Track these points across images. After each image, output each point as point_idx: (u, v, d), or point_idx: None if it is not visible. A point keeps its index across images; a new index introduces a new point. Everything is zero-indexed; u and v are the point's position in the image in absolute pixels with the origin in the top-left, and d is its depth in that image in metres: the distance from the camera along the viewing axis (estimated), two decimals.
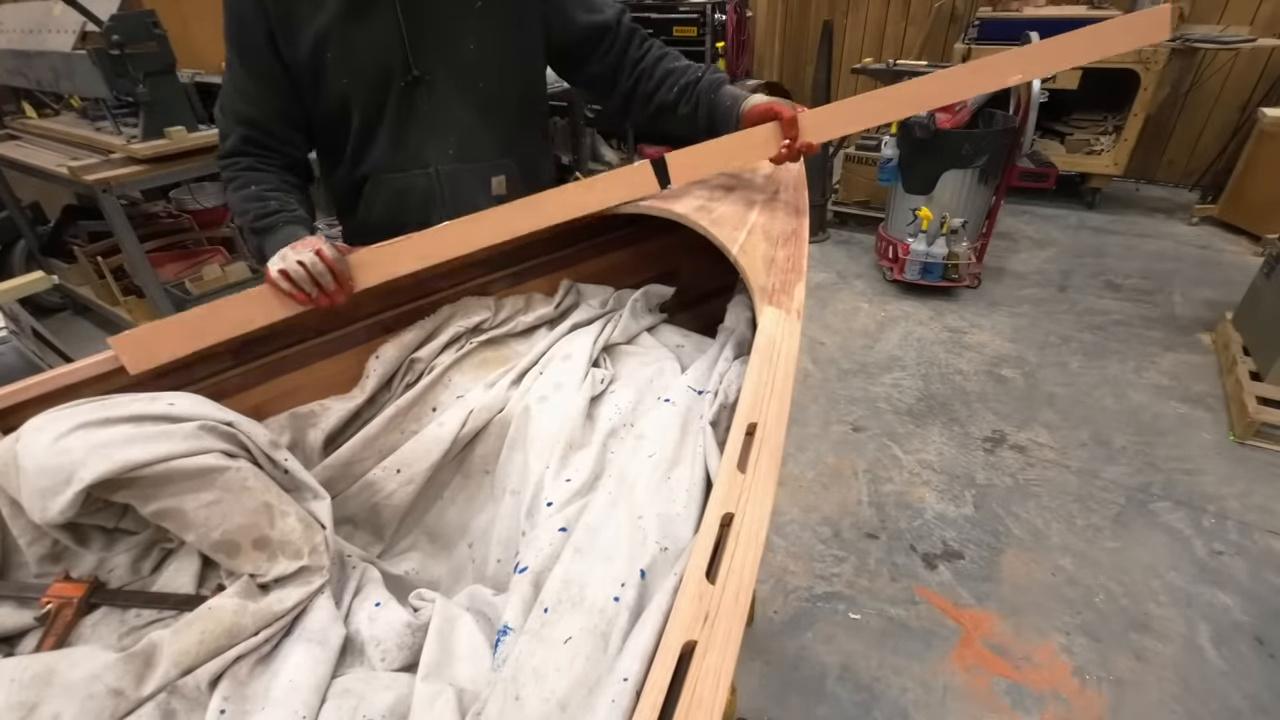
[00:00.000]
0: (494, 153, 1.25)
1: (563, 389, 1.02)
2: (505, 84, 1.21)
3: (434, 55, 1.12)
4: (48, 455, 0.68)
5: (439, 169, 1.20)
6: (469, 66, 1.15)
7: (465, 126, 1.19)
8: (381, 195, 1.22)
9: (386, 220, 1.21)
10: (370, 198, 1.23)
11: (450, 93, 1.16)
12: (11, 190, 3.40)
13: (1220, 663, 1.62)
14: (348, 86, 1.11)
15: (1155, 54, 3.72)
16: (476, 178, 1.24)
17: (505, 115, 1.24)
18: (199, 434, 0.75)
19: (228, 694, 0.66)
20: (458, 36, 1.13)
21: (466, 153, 1.21)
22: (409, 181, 1.20)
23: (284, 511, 0.78)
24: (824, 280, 3.63)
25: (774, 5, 5.77)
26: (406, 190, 1.21)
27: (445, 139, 1.19)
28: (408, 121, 1.16)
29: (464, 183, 1.23)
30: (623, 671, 0.57)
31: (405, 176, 1.20)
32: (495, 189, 1.27)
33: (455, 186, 1.23)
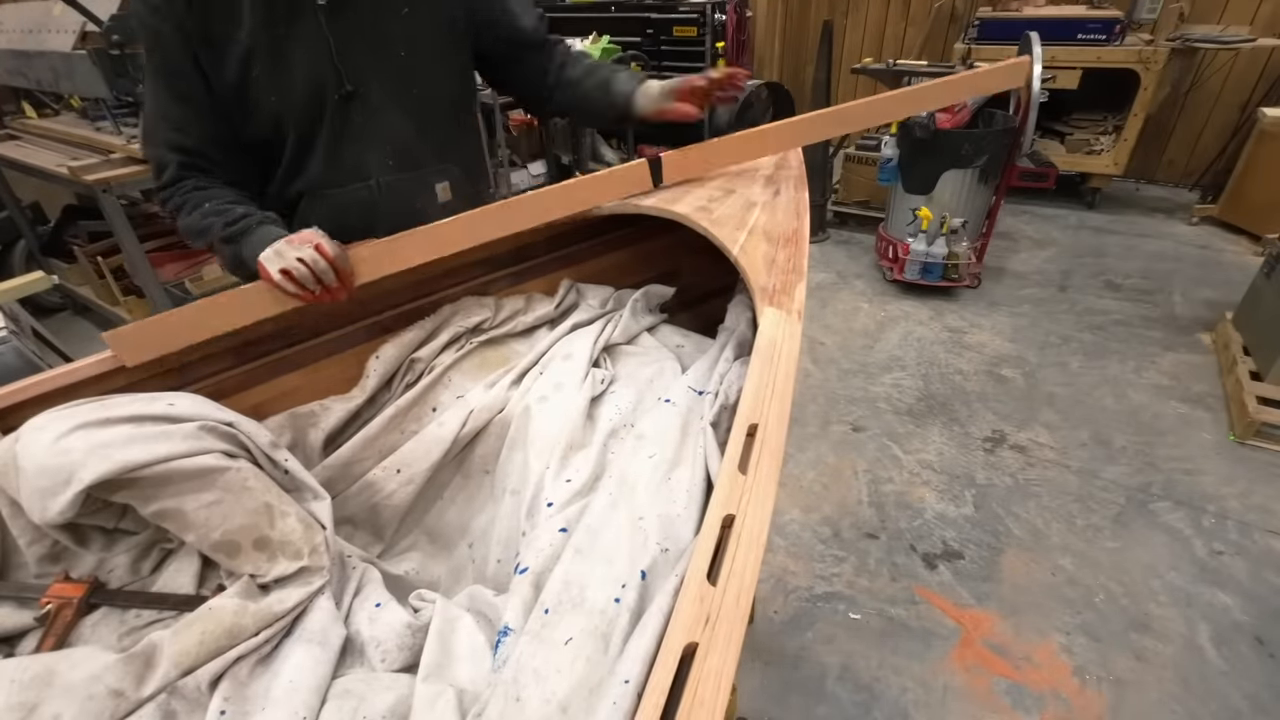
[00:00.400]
0: (434, 159, 1.22)
1: (563, 389, 1.02)
2: (439, 89, 1.19)
3: (365, 66, 1.08)
4: (47, 456, 0.68)
5: (380, 180, 1.17)
6: (401, 74, 1.12)
7: (403, 136, 1.16)
8: (318, 211, 1.15)
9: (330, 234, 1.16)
10: (306, 214, 1.15)
11: (385, 102, 1.12)
12: (11, 190, 3.40)
13: (1220, 663, 1.62)
14: (278, 104, 1.06)
15: (1155, 54, 3.72)
16: (419, 186, 1.22)
17: (442, 121, 1.21)
18: (199, 434, 0.75)
19: (228, 694, 0.66)
20: (388, 44, 1.10)
21: (406, 162, 1.18)
22: (349, 195, 1.16)
23: (284, 512, 0.78)
24: (824, 280, 3.63)
25: (774, 5, 5.77)
26: (346, 205, 1.16)
27: (383, 150, 1.16)
28: (344, 135, 1.12)
29: (406, 192, 1.20)
30: (624, 673, 0.57)
31: (345, 191, 1.15)
32: (441, 195, 1.24)
33: (398, 197, 1.19)
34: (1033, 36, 2.85)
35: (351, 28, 1.06)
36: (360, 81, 1.09)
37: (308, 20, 1.03)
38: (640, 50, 4.61)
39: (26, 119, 3.41)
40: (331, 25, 1.04)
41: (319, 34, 1.04)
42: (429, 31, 1.13)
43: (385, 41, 1.09)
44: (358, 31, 1.07)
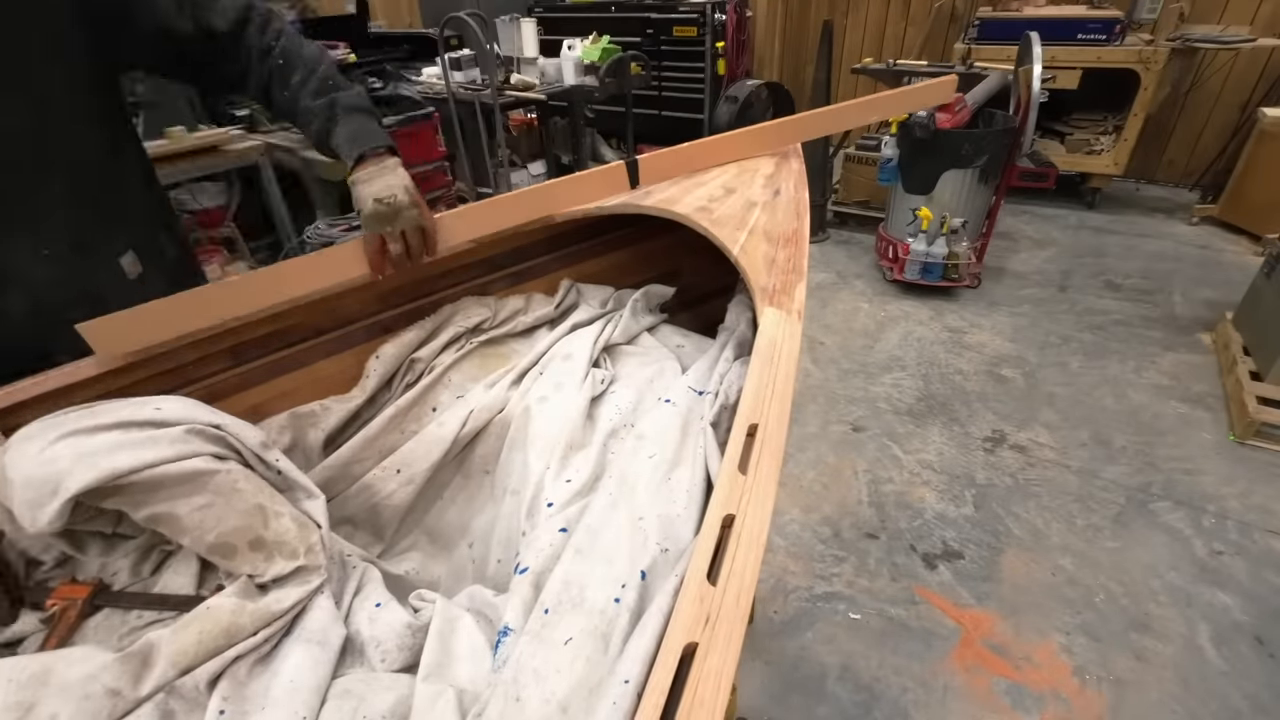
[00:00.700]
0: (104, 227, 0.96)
1: (563, 389, 1.02)
2: (79, 140, 0.92)
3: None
4: (34, 466, 0.67)
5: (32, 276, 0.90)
6: (17, 135, 0.84)
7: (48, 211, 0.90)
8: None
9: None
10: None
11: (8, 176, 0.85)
12: None
13: (1220, 663, 1.62)
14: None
15: (1155, 54, 3.72)
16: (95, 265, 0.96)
17: (99, 177, 0.95)
18: (186, 438, 0.74)
19: (227, 694, 0.65)
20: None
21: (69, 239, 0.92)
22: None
23: (277, 512, 0.78)
24: (824, 280, 3.63)
25: (774, 5, 5.77)
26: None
27: (31, 234, 0.89)
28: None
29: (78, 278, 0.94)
30: (624, 673, 0.57)
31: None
32: (130, 270, 1.00)
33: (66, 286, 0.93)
34: (1033, 36, 2.85)
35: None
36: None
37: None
38: (640, 50, 4.60)
39: None
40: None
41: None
42: (44, 66, 0.84)
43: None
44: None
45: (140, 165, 1.04)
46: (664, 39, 5.11)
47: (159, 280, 0.93)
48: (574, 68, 3.98)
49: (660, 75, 5.17)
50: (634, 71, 4.24)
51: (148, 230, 1.03)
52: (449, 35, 3.90)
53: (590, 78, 4.05)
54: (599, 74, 4.03)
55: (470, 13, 3.39)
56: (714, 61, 5.06)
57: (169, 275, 1.05)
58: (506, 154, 3.92)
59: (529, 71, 4.04)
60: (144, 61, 0.99)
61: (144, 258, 1.01)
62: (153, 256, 1.02)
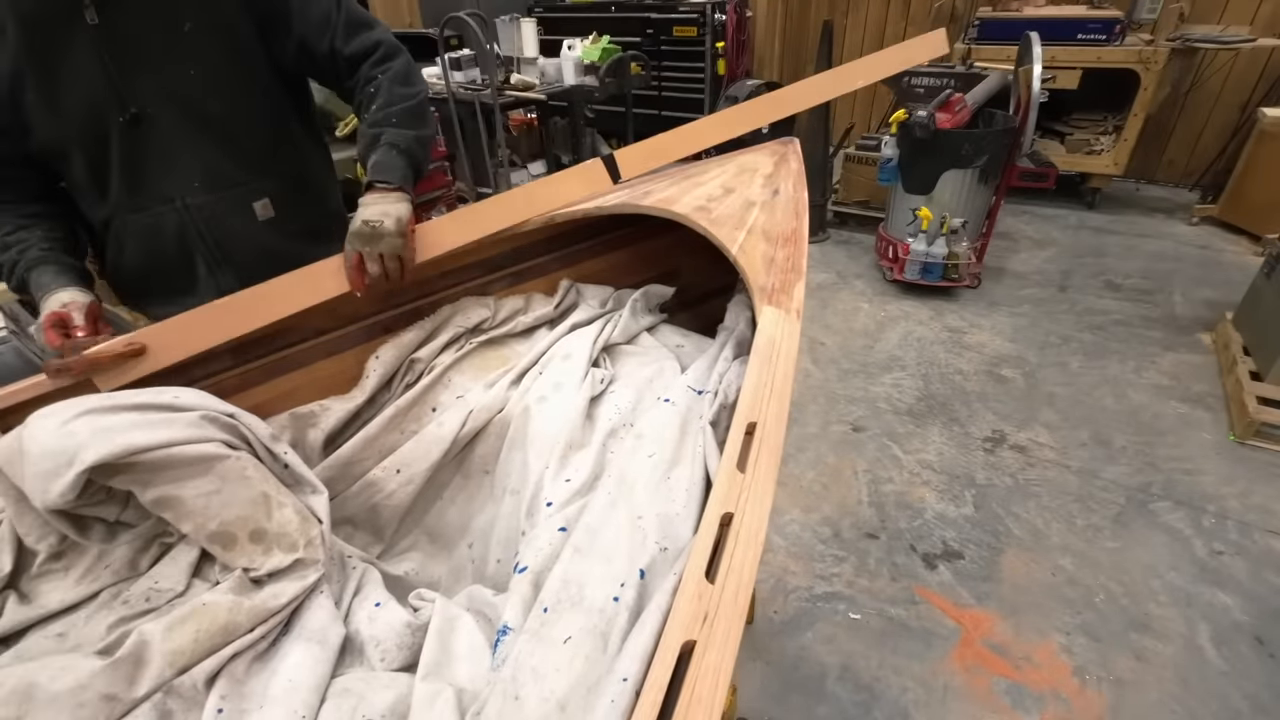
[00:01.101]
0: (247, 177, 1.17)
1: (562, 389, 1.02)
2: (240, 105, 1.12)
3: (151, 87, 1.03)
4: (53, 438, 0.68)
5: (187, 202, 1.12)
6: (196, 93, 1.06)
7: (205, 155, 1.11)
8: (129, 236, 1.14)
9: (142, 262, 1.16)
10: (116, 240, 1.15)
11: (179, 123, 1.07)
12: None
13: (1220, 663, 1.62)
14: (59, 128, 1.02)
15: (1155, 54, 3.72)
16: (233, 205, 1.16)
17: (249, 137, 1.15)
18: (201, 423, 0.75)
19: (225, 692, 0.66)
20: (173, 63, 1.03)
21: (215, 182, 1.13)
22: (155, 219, 1.12)
23: (281, 503, 0.78)
24: (824, 280, 3.63)
25: (774, 5, 5.77)
26: (155, 228, 1.13)
27: (186, 171, 1.11)
28: (139, 159, 1.07)
29: (218, 212, 1.15)
30: (622, 671, 0.57)
31: (148, 215, 1.12)
32: (260, 213, 1.19)
33: (210, 219, 1.15)
34: (1033, 36, 2.85)
35: (129, 48, 1.00)
36: (146, 103, 1.03)
37: (79, 42, 0.97)
38: (640, 50, 4.61)
39: None
40: (106, 46, 0.98)
41: (92, 56, 0.98)
42: (217, 47, 1.06)
43: (169, 60, 1.02)
44: (137, 52, 1.00)
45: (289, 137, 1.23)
46: (664, 39, 5.12)
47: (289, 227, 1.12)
48: (574, 68, 3.99)
49: (660, 75, 5.17)
50: (634, 71, 4.24)
51: (282, 187, 1.22)
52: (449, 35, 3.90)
53: (590, 78, 4.05)
54: (599, 74, 4.03)
55: (470, 13, 3.40)
56: (714, 61, 5.06)
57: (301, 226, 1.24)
58: (506, 154, 3.92)
59: (529, 71, 4.04)
60: (288, 62, 1.14)
61: (277, 207, 1.21)
62: (285, 208, 1.22)
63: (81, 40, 0.97)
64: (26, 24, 0.95)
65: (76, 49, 0.98)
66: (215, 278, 1.19)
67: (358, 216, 1.01)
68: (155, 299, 1.22)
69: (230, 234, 1.17)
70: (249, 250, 1.19)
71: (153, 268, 1.17)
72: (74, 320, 0.93)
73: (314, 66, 1.16)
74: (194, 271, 1.18)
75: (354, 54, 1.12)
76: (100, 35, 0.98)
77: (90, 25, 0.97)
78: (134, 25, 0.99)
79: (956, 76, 3.44)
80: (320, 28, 1.10)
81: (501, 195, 1.17)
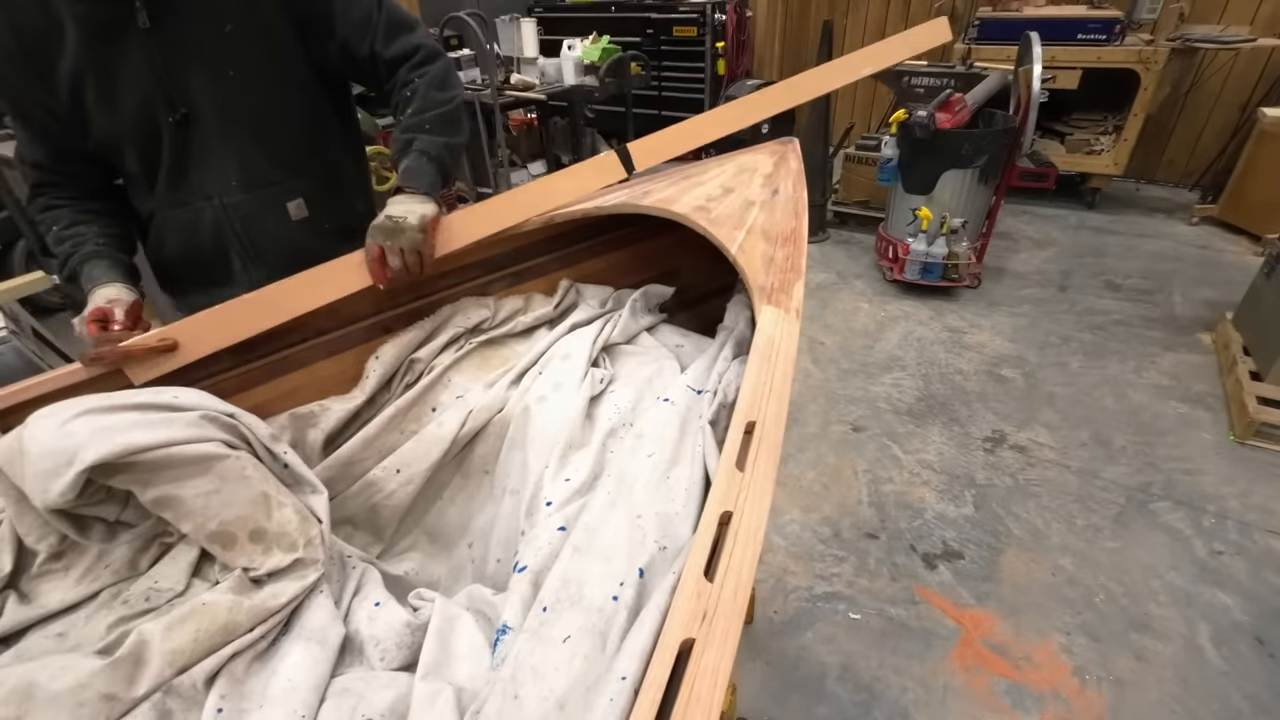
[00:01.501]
0: (282, 176, 1.20)
1: (562, 389, 1.02)
2: (276, 105, 1.15)
3: (195, 87, 1.07)
4: (52, 438, 0.68)
5: (224, 200, 1.16)
6: (233, 93, 1.09)
7: (243, 154, 1.14)
8: (169, 230, 1.18)
9: (181, 254, 1.20)
10: (157, 233, 1.20)
11: (220, 122, 1.10)
12: (12, 190, 3.39)
13: (1220, 663, 1.62)
14: (114, 125, 1.07)
15: (1155, 54, 3.72)
16: (267, 204, 1.20)
17: (286, 137, 1.18)
18: (200, 423, 0.75)
19: (224, 692, 0.66)
20: (216, 65, 1.07)
21: (252, 181, 1.16)
22: (194, 214, 1.16)
23: (281, 503, 0.78)
24: (824, 280, 3.63)
25: (774, 5, 5.77)
26: (194, 223, 1.17)
27: (225, 169, 1.14)
28: (184, 157, 1.11)
29: (254, 211, 1.19)
30: (621, 670, 0.57)
31: (188, 210, 1.16)
32: (294, 213, 1.22)
33: (246, 217, 1.18)
34: (1033, 36, 2.85)
35: (177, 50, 1.04)
36: (192, 104, 1.07)
37: (132, 44, 1.01)
38: (640, 50, 4.61)
39: None
40: (155, 49, 1.02)
41: (144, 58, 1.02)
42: (256, 49, 1.08)
43: (213, 62, 1.06)
44: (183, 54, 1.04)
45: (327, 138, 1.24)
46: (664, 39, 5.12)
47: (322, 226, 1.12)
48: (574, 68, 3.99)
49: (660, 75, 5.18)
50: (634, 71, 4.25)
51: (316, 187, 1.23)
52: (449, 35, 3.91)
53: (590, 78, 4.05)
54: (599, 74, 4.03)
55: (470, 13, 3.40)
56: (714, 61, 5.07)
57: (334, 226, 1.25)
58: (506, 154, 3.92)
59: (529, 71, 4.05)
60: (330, 64, 1.16)
61: (311, 206, 1.23)
62: (319, 208, 1.24)
63: (134, 43, 1.01)
64: (84, 28, 0.99)
65: (130, 52, 1.02)
66: (249, 273, 1.22)
67: (383, 212, 1.04)
68: (192, 290, 1.25)
69: (264, 233, 1.20)
70: (281, 249, 1.21)
71: (190, 260, 1.21)
72: (115, 316, 0.96)
73: (354, 68, 1.17)
74: (229, 266, 1.22)
75: (394, 57, 1.14)
76: (151, 38, 1.01)
77: (142, 29, 1.00)
78: (180, 28, 1.03)
79: (956, 76, 3.44)
80: (361, 29, 1.12)
81: (517, 189, 1.17)
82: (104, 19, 0.99)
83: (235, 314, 0.98)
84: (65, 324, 1.22)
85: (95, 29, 0.99)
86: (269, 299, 1.00)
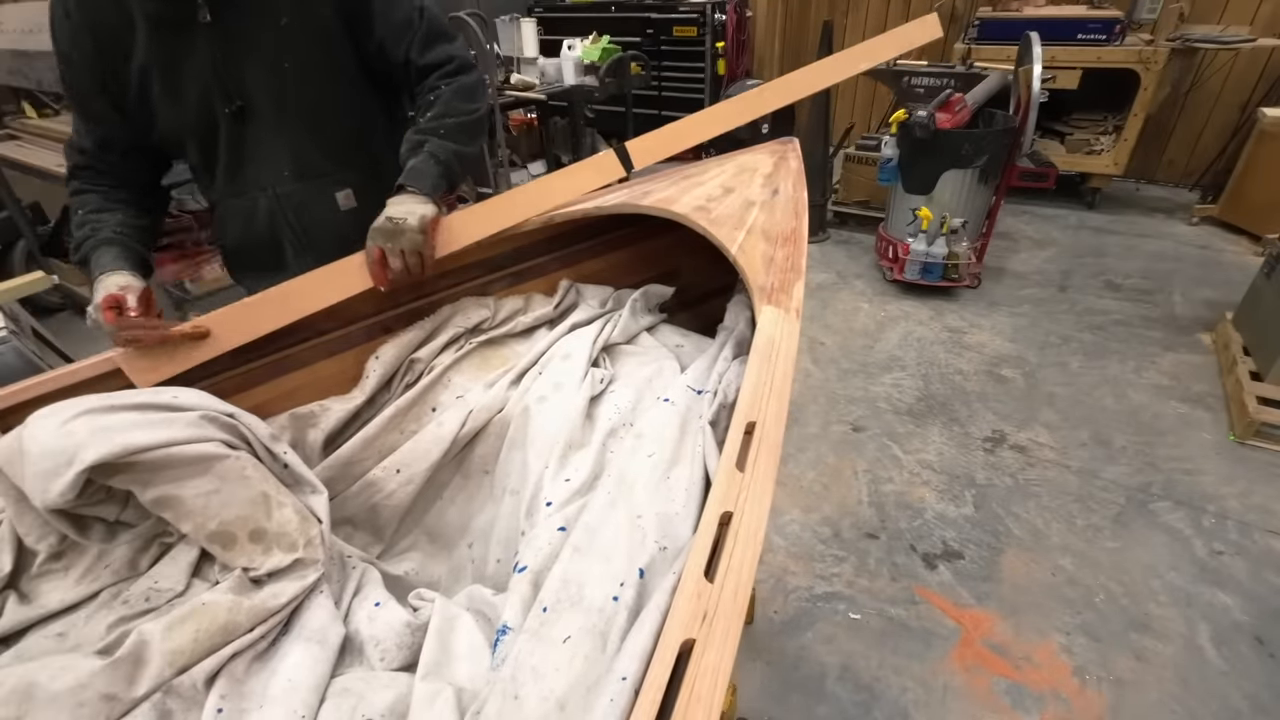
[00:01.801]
0: (332, 167, 1.24)
1: (562, 389, 1.02)
2: (327, 98, 1.19)
3: (252, 80, 1.12)
4: (52, 438, 0.68)
5: (277, 190, 1.21)
6: (287, 86, 1.14)
7: (295, 146, 1.19)
8: (229, 218, 1.26)
9: (240, 241, 1.28)
10: (222, 221, 1.28)
11: (274, 114, 1.15)
12: (11, 190, 3.39)
13: (1220, 663, 1.62)
14: (178, 118, 1.12)
15: (1155, 54, 3.72)
16: (318, 195, 1.24)
17: (336, 130, 1.22)
18: (200, 423, 0.75)
19: (224, 692, 0.66)
20: (270, 58, 1.11)
21: (303, 171, 1.22)
22: (250, 204, 1.23)
23: (281, 503, 0.78)
24: (824, 280, 3.63)
25: (774, 5, 5.77)
26: (251, 212, 1.23)
27: (278, 160, 1.19)
28: (240, 147, 1.17)
29: (305, 201, 1.24)
30: (621, 670, 0.57)
31: (244, 200, 1.23)
32: (343, 203, 1.27)
33: (298, 206, 1.24)
34: (1033, 36, 2.85)
35: (235, 44, 1.08)
36: (248, 96, 1.12)
37: (196, 39, 1.06)
38: (640, 50, 4.61)
39: (26, 119, 3.41)
40: (216, 43, 1.07)
41: (205, 52, 1.07)
42: (309, 43, 1.12)
43: (267, 55, 1.10)
44: (241, 47, 1.09)
45: (373, 132, 1.28)
46: (664, 39, 5.12)
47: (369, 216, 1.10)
48: (574, 68, 3.99)
49: (660, 75, 5.17)
50: (634, 71, 4.24)
51: (363, 179, 1.28)
52: None
53: (590, 78, 4.05)
54: (599, 74, 4.03)
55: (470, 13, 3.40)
56: (714, 61, 5.07)
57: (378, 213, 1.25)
58: (506, 154, 3.92)
59: (529, 71, 4.04)
60: (371, 61, 1.20)
61: (359, 197, 1.28)
62: (366, 199, 1.27)
63: (197, 38, 1.07)
64: (152, 24, 1.04)
65: (193, 46, 1.07)
66: (301, 260, 1.25)
67: (383, 214, 1.05)
68: (251, 275, 1.32)
69: (315, 221, 1.26)
70: (330, 237, 1.23)
71: (249, 248, 1.28)
72: (128, 303, 0.97)
73: (389, 69, 1.20)
74: (283, 254, 1.28)
75: (427, 64, 1.17)
76: (212, 33, 1.06)
77: (204, 24, 1.05)
78: (239, 22, 1.08)
79: (956, 76, 3.44)
80: (400, 33, 1.15)
81: (517, 189, 1.17)
82: (170, 15, 1.04)
83: (261, 308, 1.00)
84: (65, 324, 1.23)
85: (162, 24, 1.04)
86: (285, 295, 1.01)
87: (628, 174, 1.25)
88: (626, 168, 1.24)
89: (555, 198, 1.18)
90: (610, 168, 1.23)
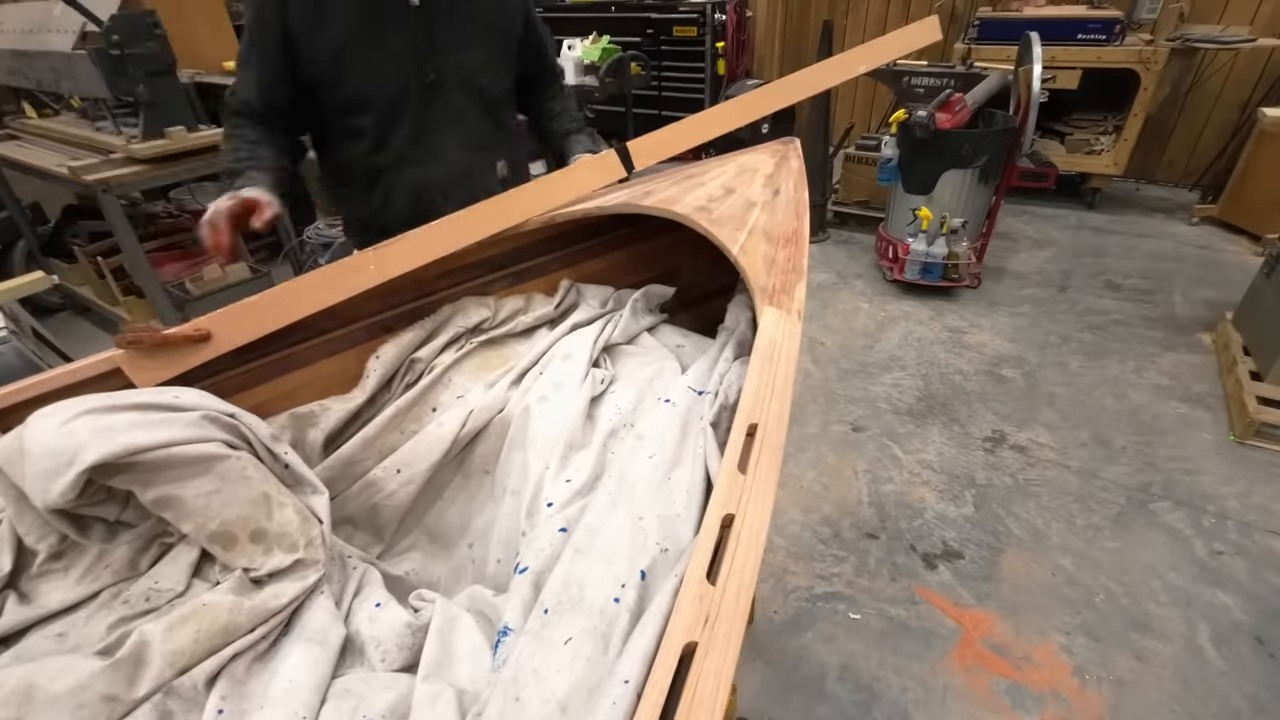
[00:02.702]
0: (495, 141, 1.48)
1: (563, 389, 1.02)
2: (498, 83, 1.43)
3: (446, 60, 1.30)
4: (53, 438, 0.68)
5: (450, 158, 1.40)
6: (474, 70, 1.35)
7: (471, 120, 1.40)
8: (401, 185, 1.39)
9: (406, 209, 1.39)
10: (386, 191, 1.40)
11: (459, 93, 1.35)
12: (11, 190, 3.39)
13: (1220, 663, 1.62)
14: (368, 91, 1.28)
15: (1155, 54, 3.72)
16: (484, 164, 1.48)
17: (499, 109, 1.46)
18: (201, 423, 0.75)
19: (225, 693, 0.66)
20: (465, 43, 1.32)
21: (474, 143, 1.43)
22: (427, 171, 1.39)
23: (281, 503, 0.78)
24: (824, 280, 3.63)
25: (774, 5, 5.77)
26: (424, 179, 1.39)
27: (458, 132, 1.38)
28: (425, 118, 1.34)
29: (474, 169, 1.45)
30: (623, 673, 0.57)
31: (422, 168, 1.38)
32: (500, 172, 1.52)
33: (467, 173, 1.43)
34: (1033, 36, 2.85)
35: (437, 27, 1.27)
36: (441, 72, 1.31)
37: (402, 20, 1.24)
38: (640, 50, 4.60)
39: (26, 119, 3.40)
40: (421, 25, 1.25)
41: (408, 31, 1.25)
42: (495, 35, 1.36)
43: (463, 40, 1.32)
44: (441, 31, 1.28)
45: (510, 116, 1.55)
46: (664, 39, 5.11)
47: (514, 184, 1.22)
48: (574, 68, 3.98)
49: (660, 75, 5.17)
50: (634, 71, 4.24)
51: (508, 154, 1.54)
52: None
53: (590, 78, 4.05)
54: (599, 74, 4.03)
55: None
56: (714, 61, 5.06)
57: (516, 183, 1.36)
58: None
59: None
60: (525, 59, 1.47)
61: (511, 169, 1.54)
62: (515, 170, 1.55)
63: (404, 17, 1.24)
64: (355, 6, 1.20)
65: (400, 23, 1.24)
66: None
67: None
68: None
69: (479, 189, 1.38)
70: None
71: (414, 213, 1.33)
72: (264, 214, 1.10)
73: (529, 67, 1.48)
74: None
75: (552, 67, 1.55)
76: (419, 15, 1.25)
77: (414, 7, 1.24)
78: (445, 10, 1.27)
79: (956, 76, 3.44)
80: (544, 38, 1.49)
81: (517, 189, 1.18)
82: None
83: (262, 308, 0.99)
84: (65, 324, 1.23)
85: (372, 11, 1.21)
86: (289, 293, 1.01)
87: (628, 174, 1.25)
88: (627, 168, 1.24)
89: (556, 198, 1.18)
90: (611, 168, 1.24)
